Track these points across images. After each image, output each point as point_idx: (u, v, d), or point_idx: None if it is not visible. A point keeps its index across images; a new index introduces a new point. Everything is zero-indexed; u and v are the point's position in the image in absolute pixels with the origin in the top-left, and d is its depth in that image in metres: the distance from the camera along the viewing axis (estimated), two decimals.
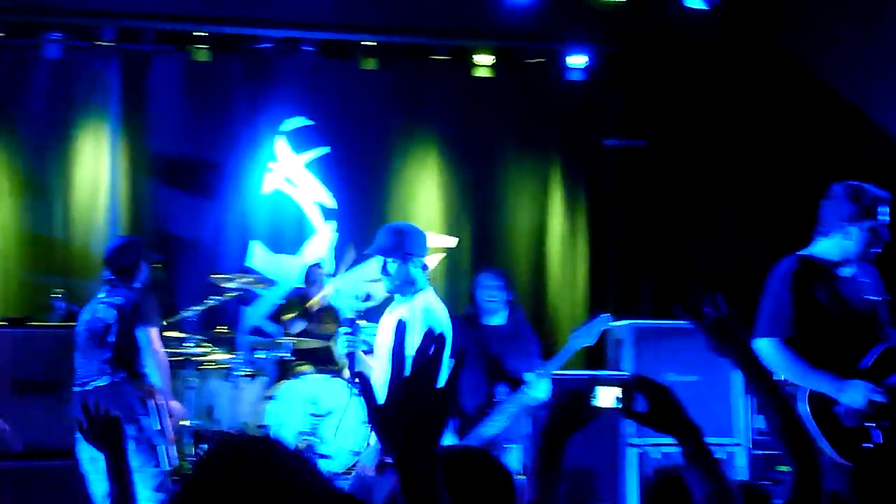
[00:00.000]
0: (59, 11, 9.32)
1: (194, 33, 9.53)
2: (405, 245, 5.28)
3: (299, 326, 8.96)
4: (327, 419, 7.88)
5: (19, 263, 9.34)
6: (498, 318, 6.23)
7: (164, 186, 9.74)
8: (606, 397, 2.68)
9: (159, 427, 5.96)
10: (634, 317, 8.51)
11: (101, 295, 6.32)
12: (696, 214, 10.04)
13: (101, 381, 6.06)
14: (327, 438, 7.86)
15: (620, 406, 2.66)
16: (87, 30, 9.52)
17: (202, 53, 9.52)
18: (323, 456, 7.69)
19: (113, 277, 6.31)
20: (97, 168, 9.58)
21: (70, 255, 9.49)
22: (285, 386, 8.10)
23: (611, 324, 6.28)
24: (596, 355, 8.29)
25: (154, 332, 6.17)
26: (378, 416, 1.86)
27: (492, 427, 5.86)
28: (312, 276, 9.31)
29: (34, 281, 9.30)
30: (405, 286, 5.29)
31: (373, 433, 1.71)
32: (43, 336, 7.60)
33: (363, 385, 1.92)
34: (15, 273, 9.30)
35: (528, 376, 5.87)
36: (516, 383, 5.96)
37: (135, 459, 5.85)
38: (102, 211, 9.55)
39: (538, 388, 5.85)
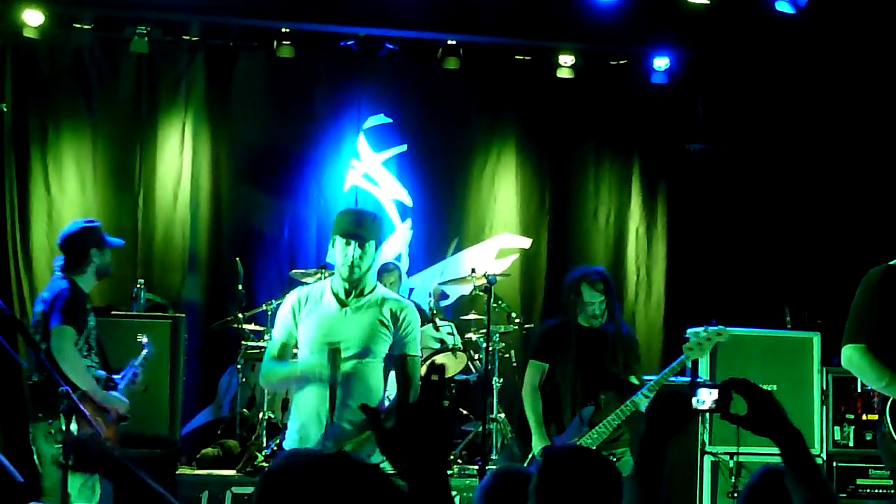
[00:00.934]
0: (146, 6, 9.43)
1: (279, 30, 9.58)
2: (384, 231, 5.22)
3: None
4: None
5: None
6: (599, 322, 6.09)
7: (246, 181, 9.83)
8: (708, 400, 2.66)
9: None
10: (712, 323, 8.40)
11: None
12: (778, 220, 9.90)
13: (35, 378, 5.79)
14: None
15: (720, 410, 2.64)
16: (174, 25, 9.65)
17: (286, 50, 9.58)
18: None
19: (62, 264, 6.05)
20: (179, 162, 9.70)
21: (151, 247, 9.63)
22: None
23: (723, 339, 6.02)
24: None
25: (67, 330, 5.77)
26: (387, 439, 1.95)
27: (595, 436, 5.80)
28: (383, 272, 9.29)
29: (117, 272, 9.43)
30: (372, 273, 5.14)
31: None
32: (125, 325, 7.73)
33: (369, 412, 2.09)
34: None
35: (637, 396, 5.75)
36: (620, 391, 5.89)
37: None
38: (184, 204, 9.67)
39: (644, 404, 5.74)
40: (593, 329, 6.07)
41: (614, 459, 5.69)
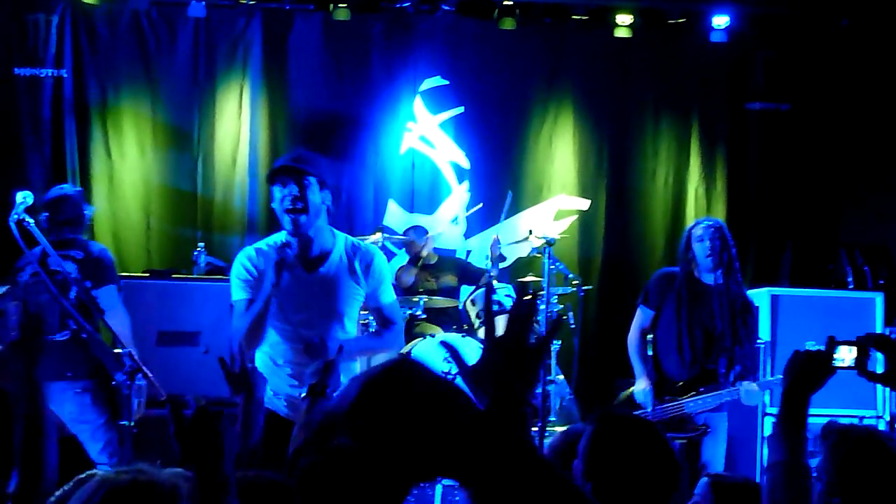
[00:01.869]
0: None
1: None
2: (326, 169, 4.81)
3: (410, 277, 8.99)
4: (459, 380, 7.89)
5: (163, 218, 9.59)
6: (711, 277, 6.00)
7: (303, 144, 9.84)
8: (847, 356, 2.64)
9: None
10: (773, 284, 8.34)
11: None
12: (840, 181, 9.77)
13: (60, 336, 5.78)
14: None
15: (859, 367, 2.63)
16: None
17: (342, 12, 9.56)
18: None
19: (70, 227, 6.01)
20: (238, 125, 9.75)
21: (210, 210, 9.71)
22: (419, 344, 8.12)
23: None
24: None
25: (115, 290, 5.88)
26: (470, 375, 1.93)
27: (699, 405, 5.78)
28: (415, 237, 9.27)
29: (177, 235, 9.55)
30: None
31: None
32: (186, 288, 7.80)
33: (451, 351, 2.00)
34: (159, 227, 9.56)
35: (747, 387, 5.73)
36: (732, 359, 5.82)
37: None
38: (243, 167, 9.73)
39: (754, 397, 5.69)
40: (702, 283, 6.01)
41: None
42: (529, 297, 1.97)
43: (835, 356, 2.66)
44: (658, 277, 6.23)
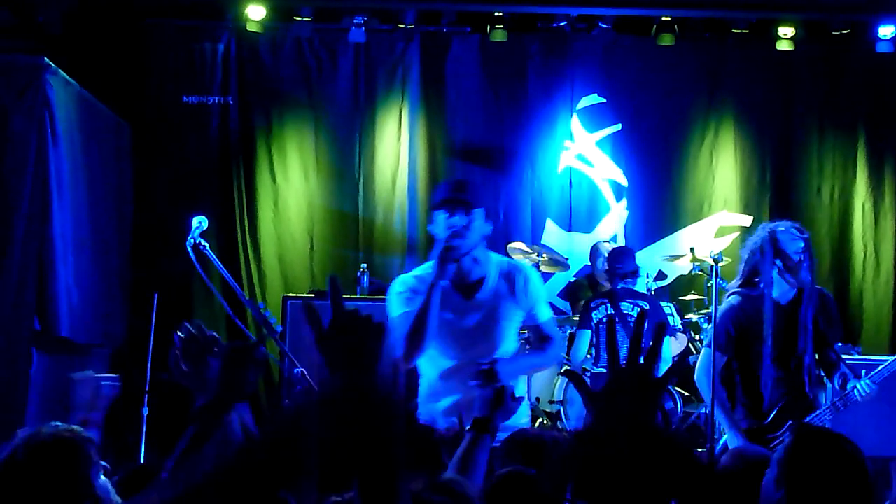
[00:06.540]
0: None
1: (492, 14, 9.62)
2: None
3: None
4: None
5: (327, 240, 9.78)
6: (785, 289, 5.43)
7: (462, 165, 9.93)
8: None
9: None
10: None
11: None
12: None
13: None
14: None
15: None
16: (390, 13, 9.80)
17: (499, 34, 9.61)
18: None
19: None
20: (397, 148, 9.88)
21: (372, 231, 9.85)
22: None
23: None
24: None
25: None
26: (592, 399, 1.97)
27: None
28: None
29: (340, 256, 9.71)
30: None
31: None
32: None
33: (575, 379, 2.07)
34: (323, 249, 9.75)
35: (857, 387, 5.32)
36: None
37: None
38: (402, 189, 9.85)
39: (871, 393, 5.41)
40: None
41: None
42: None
43: None
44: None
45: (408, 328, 4.47)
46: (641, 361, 1.99)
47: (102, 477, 2.84)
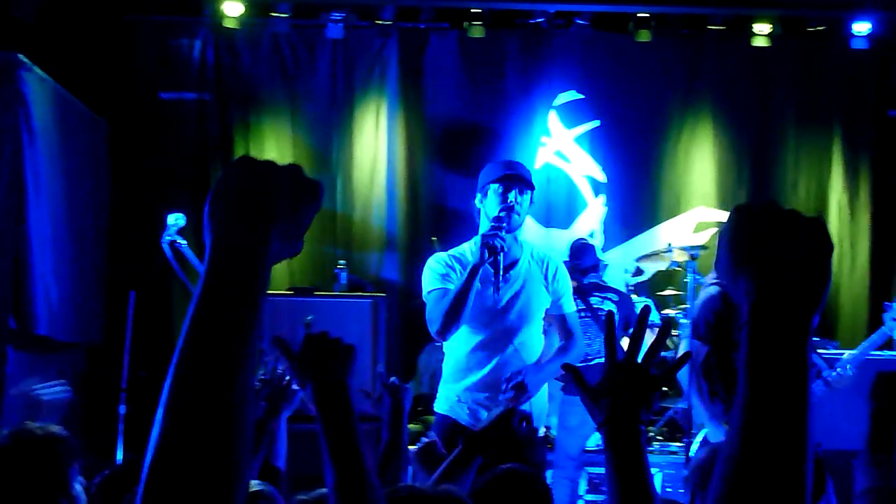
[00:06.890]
0: None
1: (470, 10, 9.64)
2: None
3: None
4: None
5: (305, 236, 9.71)
6: None
7: (440, 161, 9.93)
8: None
9: None
10: None
11: None
12: None
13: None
14: None
15: None
16: (368, 9, 9.80)
17: (477, 30, 9.63)
18: None
19: None
20: (375, 144, 9.88)
21: (350, 227, 9.85)
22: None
23: None
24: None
25: None
26: (590, 393, 2.01)
27: None
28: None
29: (318, 252, 9.69)
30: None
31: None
32: (328, 305, 7.92)
33: (573, 372, 2.09)
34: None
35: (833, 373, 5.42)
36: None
37: None
38: (380, 185, 9.85)
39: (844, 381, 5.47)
40: None
41: None
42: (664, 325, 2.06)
43: None
44: None
45: (446, 306, 4.58)
46: (639, 360, 2.02)
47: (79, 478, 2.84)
